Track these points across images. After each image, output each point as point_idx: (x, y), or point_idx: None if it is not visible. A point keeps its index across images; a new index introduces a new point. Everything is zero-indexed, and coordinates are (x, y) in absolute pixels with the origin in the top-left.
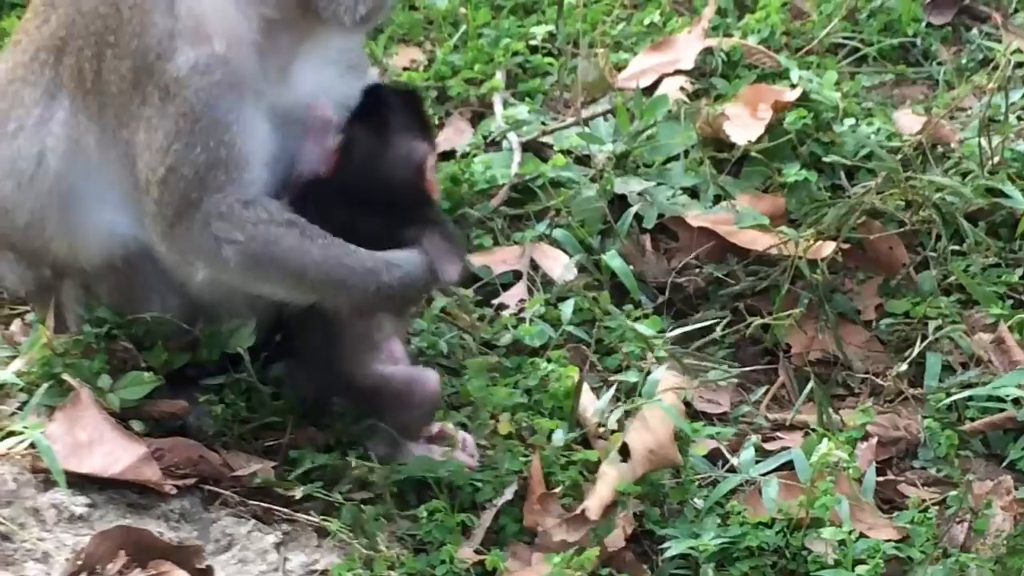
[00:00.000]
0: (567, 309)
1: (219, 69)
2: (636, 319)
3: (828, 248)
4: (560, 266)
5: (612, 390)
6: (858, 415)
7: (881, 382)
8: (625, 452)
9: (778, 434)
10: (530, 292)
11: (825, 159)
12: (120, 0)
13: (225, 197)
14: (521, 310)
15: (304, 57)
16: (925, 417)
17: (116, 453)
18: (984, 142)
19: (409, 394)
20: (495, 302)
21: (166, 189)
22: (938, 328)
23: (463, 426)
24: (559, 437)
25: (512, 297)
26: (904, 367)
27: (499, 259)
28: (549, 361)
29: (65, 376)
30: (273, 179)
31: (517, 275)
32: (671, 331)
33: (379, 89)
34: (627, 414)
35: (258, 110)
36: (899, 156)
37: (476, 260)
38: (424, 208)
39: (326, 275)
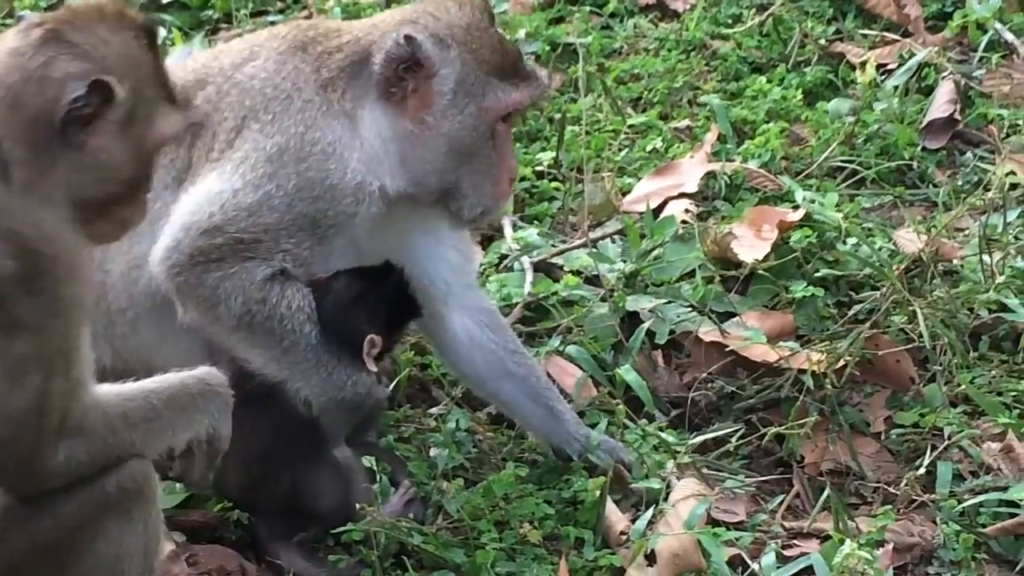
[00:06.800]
0: None
1: (366, 197)
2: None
3: (839, 362)
4: (574, 380)
5: (635, 498)
6: (876, 520)
7: (893, 490)
8: (651, 557)
9: (795, 541)
10: None
11: (831, 276)
12: (294, 92)
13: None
14: None
15: (419, 225)
16: (943, 522)
17: None
18: (986, 258)
19: None
20: None
21: (216, 232)
22: (951, 435)
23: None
24: (588, 545)
25: None
26: (917, 474)
27: None
28: (569, 472)
29: None
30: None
31: None
32: (689, 442)
33: (390, 268)
34: (651, 521)
35: (356, 240)
36: (905, 272)
37: None
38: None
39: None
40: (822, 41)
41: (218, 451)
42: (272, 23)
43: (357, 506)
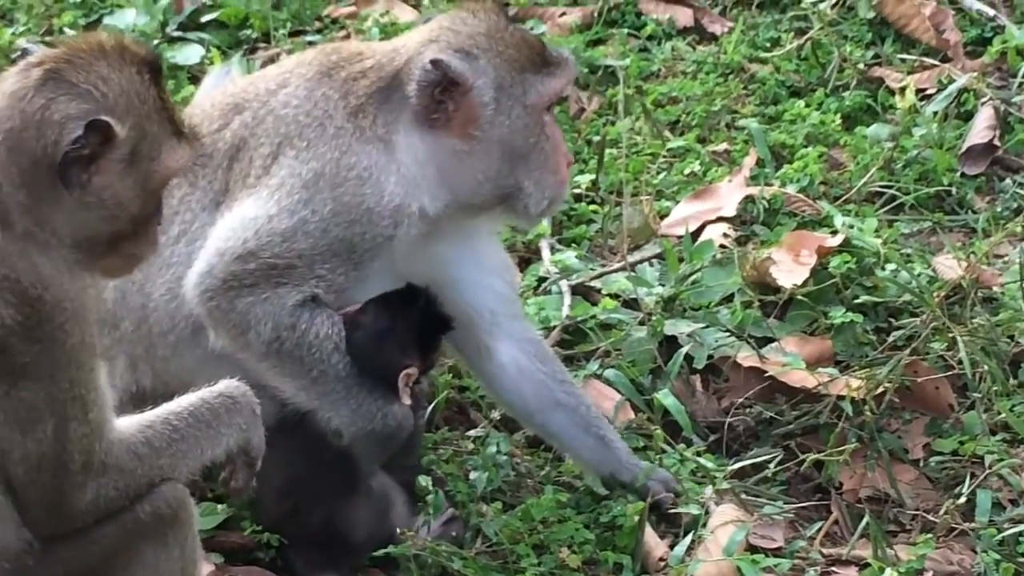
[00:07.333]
0: None
1: (404, 219)
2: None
3: (878, 389)
4: (612, 405)
5: (673, 524)
6: (915, 548)
7: (932, 518)
8: None
9: (833, 569)
10: None
11: (870, 302)
12: (325, 119)
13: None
14: None
15: (460, 253)
16: (983, 550)
17: None
18: None
19: None
20: None
21: (250, 257)
22: (991, 463)
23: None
24: (627, 570)
25: None
26: (956, 503)
27: None
28: (608, 497)
29: None
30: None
31: None
32: (727, 468)
33: (415, 292)
34: (690, 547)
35: (393, 265)
36: (945, 298)
37: None
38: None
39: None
40: (861, 66)
41: (255, 459)
42: (310, 43)
43: (397, 531)
